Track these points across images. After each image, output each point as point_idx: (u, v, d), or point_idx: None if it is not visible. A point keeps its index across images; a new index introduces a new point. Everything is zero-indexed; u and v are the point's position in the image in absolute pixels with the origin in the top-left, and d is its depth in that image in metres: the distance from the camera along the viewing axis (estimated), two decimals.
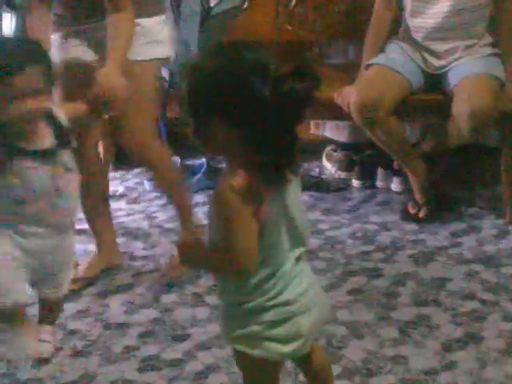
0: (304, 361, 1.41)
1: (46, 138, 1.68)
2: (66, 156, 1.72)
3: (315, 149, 3.28)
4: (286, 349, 1.28)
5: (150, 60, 2.16)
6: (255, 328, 1.26)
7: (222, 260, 1.24)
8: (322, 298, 1.36)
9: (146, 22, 2.15)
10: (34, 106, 1.59)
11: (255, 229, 1.19)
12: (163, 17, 2.24)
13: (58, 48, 2.19)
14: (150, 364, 1.85)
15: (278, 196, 1.22)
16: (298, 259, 1.29)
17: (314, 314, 1.30)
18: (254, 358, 1.28)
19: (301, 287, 1.28)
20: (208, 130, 1.20)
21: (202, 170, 3.07)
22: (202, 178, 3.04)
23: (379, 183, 3.00)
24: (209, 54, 1.23)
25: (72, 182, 1.75)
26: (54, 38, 2.20)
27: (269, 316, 1.25)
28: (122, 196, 3.05)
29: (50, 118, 1.69)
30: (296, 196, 1.27)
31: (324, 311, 1.36)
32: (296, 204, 1.27)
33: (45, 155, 1.67)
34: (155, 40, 2.18)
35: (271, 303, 1.25)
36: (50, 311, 1.92)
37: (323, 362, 1.48)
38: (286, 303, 1.26)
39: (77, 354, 1.91)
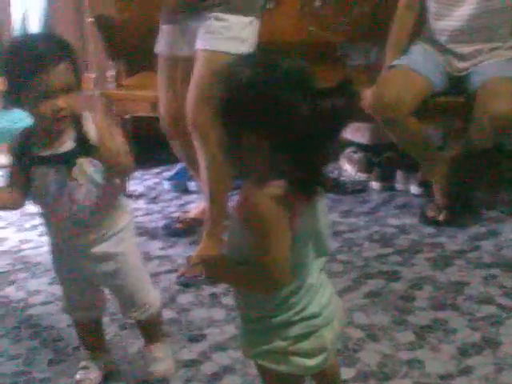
0: None
1: (65, 143, 1.57)
2: (87, 165, 1.56)
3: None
4: (312, 362, 1.26)
5: (226, 53, 2.18)
6: (281, 343, 1.23)
7: (253, 274, 1.19)
8: (340, 308, 1.34)
9: (231, 19, 2.22)
10: (66, 104, 1.51)
11: (289, 242, 1.16)
12: (251, 19, 2.26)
13: (163, 38, 2.39)
14: None
15: (309, 209, 1.20)
16: (320, 270, 1.28)
17: (335, 325, 1.29)
18: (279, 372, 1.26)
19: (324, 299, 1.27)
20: (240, 143, 1.15)
21: None
22: None
23: (398, 185, 2.98)
24: (244, 63, 1.16)
25: (92, 195, 1.58)
26: (162, 28, 2.39)
27: (295, 330, 1.23)
28: (140, 195, 3.07)
29: (76, 121, 1.57)
30: (323, 207, 1.25)
31: (342, 321, 1.35)
32: (323, 215, 1.24)
33: (59, 160, 1.56)
34: (236, 36, 2.23)
35: (298, 317, 1.23)
36: (146, 331, 1.82)
37: (335, 367, 1.47)
38: (312, 316, 1.24)
39: None
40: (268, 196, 1.13)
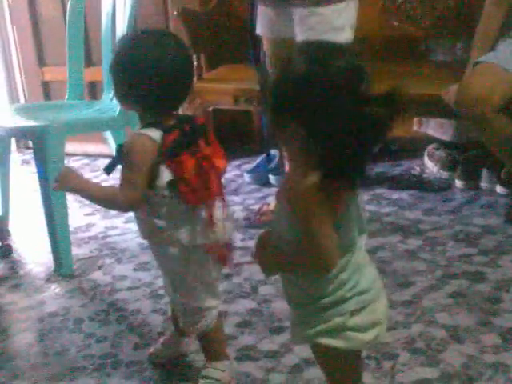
0: None
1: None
2: None
3: (417, 146, 3.23)
4: (367, 336, 1.30)
5: None
6: (338, 320, 1.27)
7: (303, 257, 1.25)
8: (382, 284, 1.37)
9: (323, 11, 2.28)
10: None
11: (331, 225, 1.21)
12: (343, 4, 2.32)
13: (262, 20, 2.49)
14: (246, 354, 1.88)
15: (350, 194, 1.25)
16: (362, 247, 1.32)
17: (383, 299, 1.33)
18: (336, 350, 1.29)
19: (371, 275, 1.32)
20: (284, 131, 1.21)
21: (275, 163, 3.13)
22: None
23: (484, 185, 2.91)
24: (300, 57, 1.19)
25: None
26: (260, 9, 2.49)
27: (350, 306, 1.27)
28: None
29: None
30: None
31: (385, 297, 1.37)
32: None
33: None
34: (332, 27, 2.28)
35: (351, 293, 1.27)
36: (205, 346, 1.78)
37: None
38: (363, 292, 1.28)
39: None
40: (308, 185, 1.17)
